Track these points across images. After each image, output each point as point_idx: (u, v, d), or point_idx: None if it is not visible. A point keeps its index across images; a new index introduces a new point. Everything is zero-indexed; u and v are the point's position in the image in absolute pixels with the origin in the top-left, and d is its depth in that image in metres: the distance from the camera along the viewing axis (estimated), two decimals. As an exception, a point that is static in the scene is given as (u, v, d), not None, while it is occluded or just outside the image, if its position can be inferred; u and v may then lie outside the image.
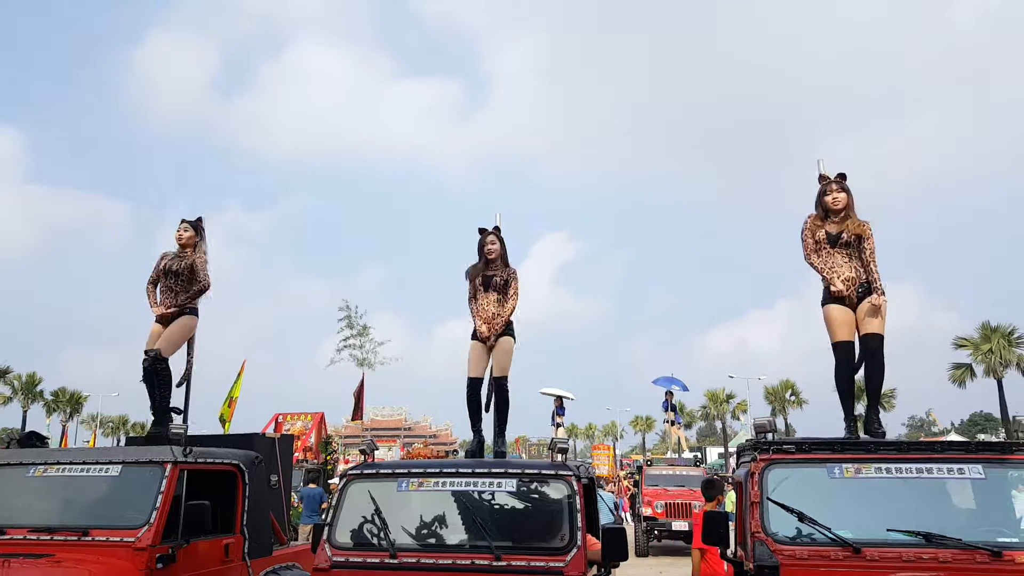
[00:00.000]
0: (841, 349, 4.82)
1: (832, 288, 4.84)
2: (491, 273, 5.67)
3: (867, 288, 4.82)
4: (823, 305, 4.95)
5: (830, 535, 3.78)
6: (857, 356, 4.86)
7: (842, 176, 5.06)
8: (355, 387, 19.06)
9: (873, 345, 4.73)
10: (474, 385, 5.61)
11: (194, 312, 6.10)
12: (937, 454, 4.04)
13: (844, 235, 4.90)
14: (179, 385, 6.29)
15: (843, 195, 4.98)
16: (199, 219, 6.32)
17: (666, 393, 24.62)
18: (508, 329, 5.63)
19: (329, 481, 15.56)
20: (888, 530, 3.78)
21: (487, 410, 5.73)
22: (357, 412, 19.08)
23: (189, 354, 6.34)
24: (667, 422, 25.38)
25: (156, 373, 5.88)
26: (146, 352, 5.87)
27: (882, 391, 4.90)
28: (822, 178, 5.11)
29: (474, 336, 5.65)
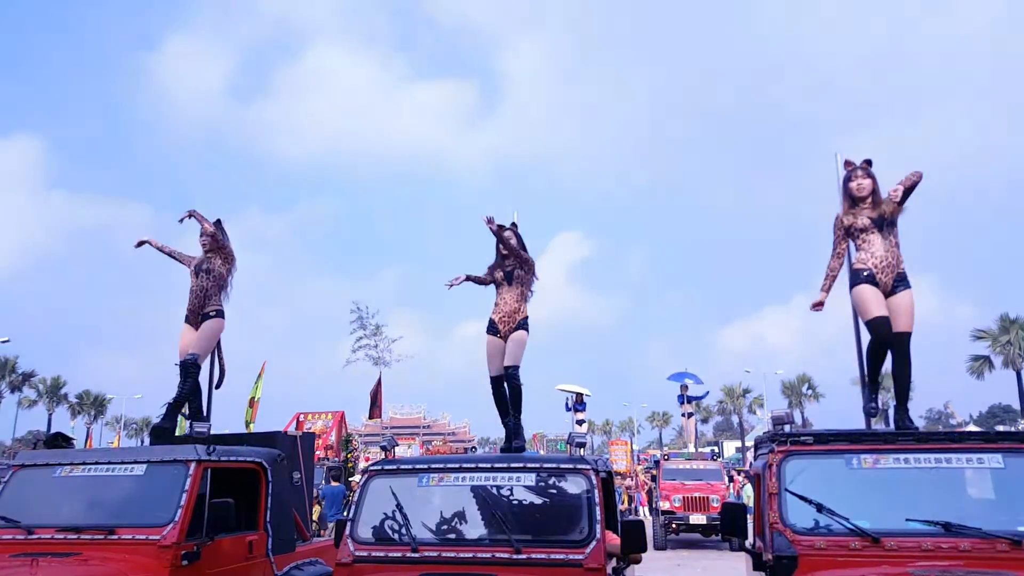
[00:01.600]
0: (877, 324, 4.64)
1: (856, 264, 4.74)
2: (510, 268, 5.70)
3: (903, 278, 4.71)
4: (851, 288, 4.82)
5: (848, 525, 3.78)
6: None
7: (868, 162, 4.94)
8: (372, 386, 19.16)
9: (902, 344, 4.66)
10: (498, 383, 5.67)
11: (220, 315, 6.17)
12: (956, 443, 4.02)
13: (884, 216, 4.77)
14: (217, 387, 6.45)
15: (868, 181, 4.86)
16: (218, 220, 6.37)
17: (681, 387, 24.93)
18: (523, 323, 5.67)
19: (350, 479, 15.71)
20: (907, 520, 3.77)
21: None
22: (374, 410, 19.14)
23: (220, 358, 6.45)
24: (684, 415, 25.61)
25: (188, 376, 6.03)
26: (183, 361, 6.00)
27: (910, 389, 4.80)
28: (847, 164, 5.01)
29: (489, 330, 5.69)
